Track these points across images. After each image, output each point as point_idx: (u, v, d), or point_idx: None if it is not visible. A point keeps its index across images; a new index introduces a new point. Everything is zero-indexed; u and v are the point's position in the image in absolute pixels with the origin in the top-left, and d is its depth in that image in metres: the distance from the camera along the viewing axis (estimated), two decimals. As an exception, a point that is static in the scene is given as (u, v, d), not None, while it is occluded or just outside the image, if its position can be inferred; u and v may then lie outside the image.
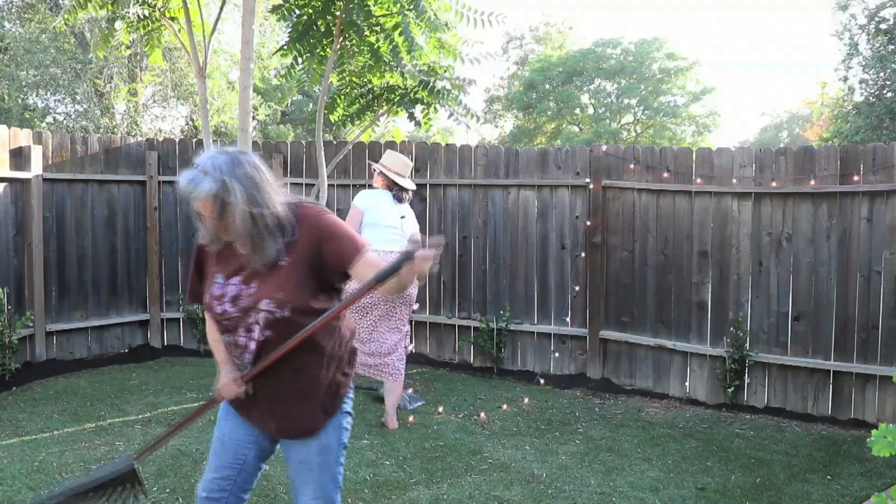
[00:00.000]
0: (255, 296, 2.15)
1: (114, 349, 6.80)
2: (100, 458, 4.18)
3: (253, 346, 2.19)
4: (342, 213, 7.03)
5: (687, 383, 5.82)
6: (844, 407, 5.22)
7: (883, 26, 12.30)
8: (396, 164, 5.06)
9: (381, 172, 5.07)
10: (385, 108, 6.77)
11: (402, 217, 5.02)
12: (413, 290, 5.05)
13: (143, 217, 6.95)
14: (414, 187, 5.21)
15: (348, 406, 2.37)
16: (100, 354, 6.66)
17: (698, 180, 5.69)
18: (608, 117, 23.58)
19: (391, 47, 5.95)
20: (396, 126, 7.79)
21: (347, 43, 6.17)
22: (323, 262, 2.14)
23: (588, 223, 6.18)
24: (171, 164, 7.04)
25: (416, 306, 5.55)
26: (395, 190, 5.03)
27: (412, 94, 6.50)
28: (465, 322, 6.70)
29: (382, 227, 4.91)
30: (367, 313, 4.91)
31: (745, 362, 5.48)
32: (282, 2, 5.95)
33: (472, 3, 6.01)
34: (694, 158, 5.77)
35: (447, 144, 6.92)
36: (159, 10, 6.19)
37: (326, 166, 6.35)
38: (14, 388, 5.64)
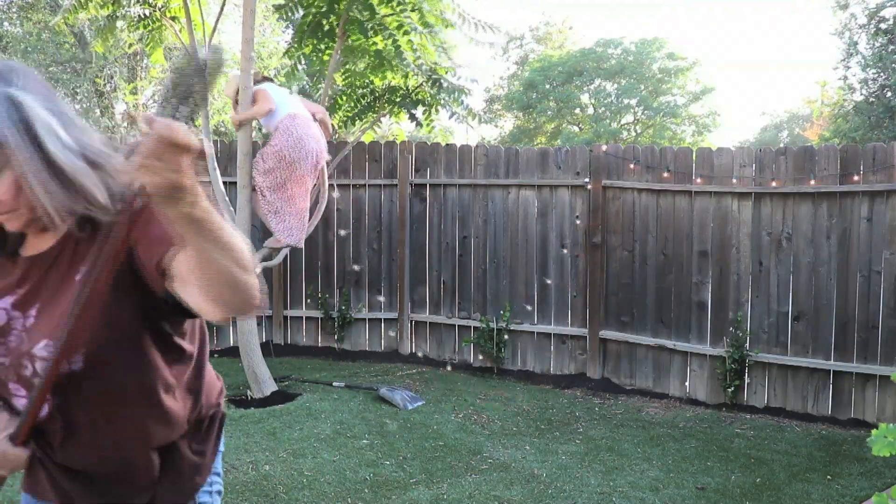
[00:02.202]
0: (31, 331, 1.26)
1: (114, 349, 6.78)
2: (100, 457, 4.18)
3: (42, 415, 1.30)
4: (342, 214, 7.05)
5: (687, 383, 5.82)
6: (844, 407, 5.22)
7: (883, 26, 12.30)
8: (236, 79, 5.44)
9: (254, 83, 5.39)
10: (387, 109, 6.77)
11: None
12: (318, 145, 5.34)
13: (143, 217, 6.93)
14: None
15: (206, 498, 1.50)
16: (100, 354, 6.65)
17: (698, 180, 5.69)
18: (608, 117, 23.57)
19: (395, 47, 5.95)
20: (400, 128, 7.79)
21: (350, 41, 6.15)
22: (135, 263, 1.22)
23: (588, 223, 6.18)
24: (171, 163, 7.03)
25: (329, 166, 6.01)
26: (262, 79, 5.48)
27: (414, 95, 6.51)
28: (465, 322, 6.70)
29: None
30: (282, 188, 5.30)
31: (744, 362, 5.48)
32: (284, 1, 5.95)
33: (476, 7, 6.08)
34: (694, 158, 5.77)
35: (447, 144, 6.92)
36: (160, 9, 6.19)
37: (327, 166, 6.34)
38: (14, 388, 5.64)
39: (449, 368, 6.69)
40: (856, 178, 5.10)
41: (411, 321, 6.97)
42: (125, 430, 1.34)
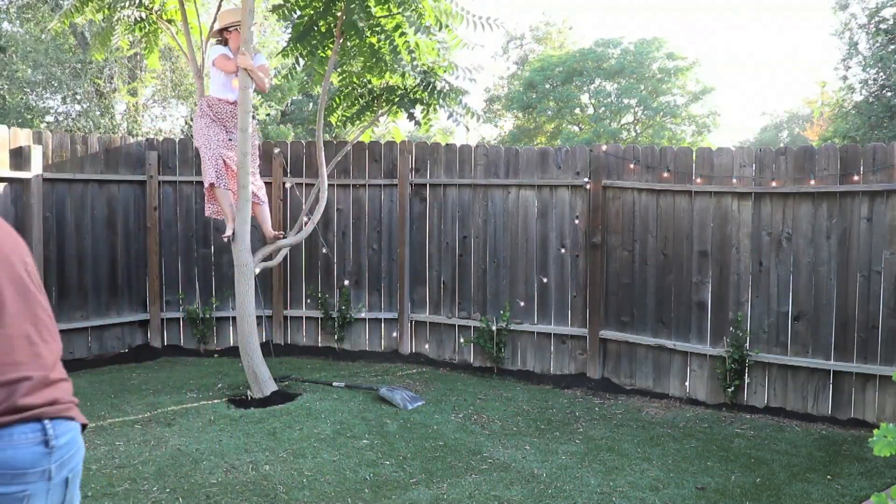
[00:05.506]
0: None
1: (114, 349, 6.80)
2: (100, 457, 4.18)
3: None
4: (342, 213, 7.05)
5: (687, 383, 5.82)
6: (844, 407, 5.22)
7: (883, 26, 12.30)
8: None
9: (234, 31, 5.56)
10: (385, 108, 6.77)
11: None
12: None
13: (143, 217, 6.95)
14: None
15: None
16: (100, 354, 6.66)
17: (698, 180, 5.69)
18: (608, 117, 23.57)
19: (391, 48, 5.95)
20: (396, 126, 7.79)
21: (348, 44, 6.17)
22: None
23: (588, 223, 6.18)
24: (171, 163, 7.04)
25: None
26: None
27: (412, 95, 6.50)
28: (465, 322, 6.70)
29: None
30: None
31: (744, 362, 5.48)
32: (282, 2, 5.95)
33: (474, 6, 6.07)
34: (694, 158, 5.77)
35: (447, 144, 6.92)
36: (156, 12, 6.19)
37: (326, 166, 6.35)
38: (14, 389, 5.63)
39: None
40: (856, 178, 5.10)
41: (411, 321, 6.96)
42: None
